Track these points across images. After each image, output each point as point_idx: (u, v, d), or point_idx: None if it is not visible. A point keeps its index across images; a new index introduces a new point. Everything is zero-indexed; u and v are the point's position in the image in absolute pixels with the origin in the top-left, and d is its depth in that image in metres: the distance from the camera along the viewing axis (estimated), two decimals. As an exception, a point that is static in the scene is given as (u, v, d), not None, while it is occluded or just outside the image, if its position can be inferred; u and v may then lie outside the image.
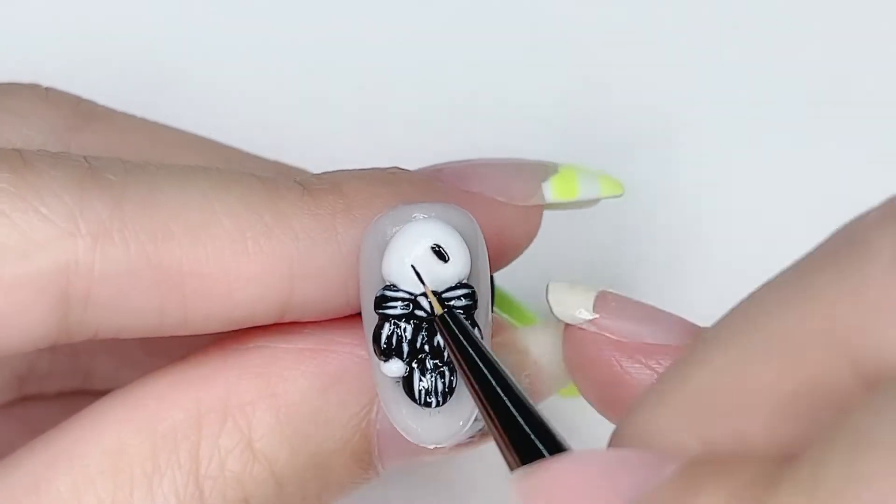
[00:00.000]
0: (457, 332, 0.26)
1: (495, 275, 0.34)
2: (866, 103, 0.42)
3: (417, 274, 0.27)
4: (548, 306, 0.28)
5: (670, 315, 0.29)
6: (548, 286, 0.29)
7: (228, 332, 0.28)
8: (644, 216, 0.40)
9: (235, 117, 0.39)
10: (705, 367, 0.23)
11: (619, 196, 0.30)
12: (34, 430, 0.30)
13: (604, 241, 0.40)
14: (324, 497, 0.29)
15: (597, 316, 0.28)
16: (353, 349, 0.28)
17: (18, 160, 0.26)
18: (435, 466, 0.36)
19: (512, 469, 0.23)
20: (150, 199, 0.26)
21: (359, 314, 0.28)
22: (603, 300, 0.28)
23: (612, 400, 0.28)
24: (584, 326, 0.28)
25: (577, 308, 0.28)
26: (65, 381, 0.34)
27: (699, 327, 0.28)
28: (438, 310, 0.26)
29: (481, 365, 0.25)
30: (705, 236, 0.40)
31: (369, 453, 0.29)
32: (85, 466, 0.27)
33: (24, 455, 0.27)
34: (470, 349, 0.26)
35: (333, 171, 0.29)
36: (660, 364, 0.27)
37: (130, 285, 0.26)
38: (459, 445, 0.29)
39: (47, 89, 0.32)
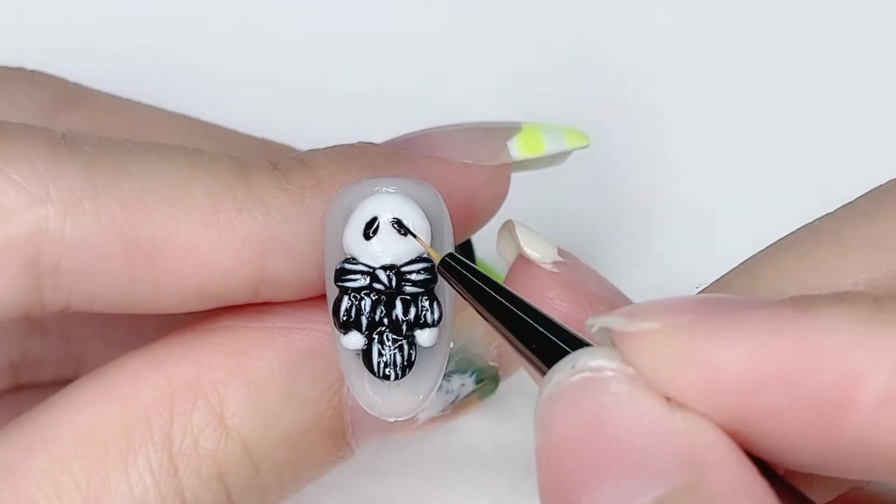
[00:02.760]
0: (461, 272, 0.26)
1: (476, 247, 0.34)
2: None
3: (412, 234, 0.27)
4: (512, 240, 0.29)
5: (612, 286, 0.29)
6: (514, 224, 0.29)
7: (201, 313, 0.29)
8: (616, 176, 0.40)
9: (227, 103, 0.39)
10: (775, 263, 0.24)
11: (586, 147, 0.30)
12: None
13: (577, 206, 0.40)
14: (301, 475, 0.29)
15: (561, 260, 0.28)
16: (324, 327, 0.28)
17: None
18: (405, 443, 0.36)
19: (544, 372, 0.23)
20: (123, 170, 0.26)
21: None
22: (563, 252, 0.29)
23: None
24: (545, 266, 0.28)
25: (545, 250, 0.28)
26: (58, 369, 0.34)
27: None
28: (436, 257, 0.26)
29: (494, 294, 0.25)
30: (677, 190, 0.41)
31: (342, 430, 0.29)
32: (59, 447, 0.27)
33: None
34: (479, 283, 0.25)
35: (304, 151, 0.29)
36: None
37: (101, 254, 0.26)
38: (434, 420, 0.30)
39: (32, 72, 0.32)
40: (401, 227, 0.27)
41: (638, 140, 0.41)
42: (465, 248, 0.34)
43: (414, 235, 0.27)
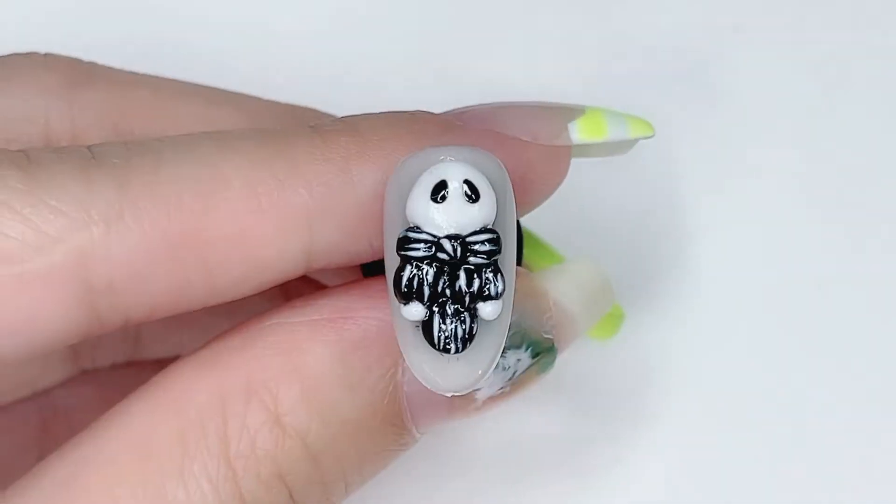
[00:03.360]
0: None
1: (523, 220, 0.34)
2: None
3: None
4: None
5: None
6: None
7: (247, 314, 0.28)
8: (677, 166, 0.40)
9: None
10: None
11: (650, 137, 0.30)
12: (94, 403, 0.31)
13: (635, 190, 0.39)
14: (365, 467, 0.28)
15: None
16: (370, 313, 0.28)
17: (23, 158, 0.26)
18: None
19: None
20: (157, 174, 0.26)
21: (373, 277, 0.28)
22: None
23: None
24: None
25: None
26: (116, 352, 0.34)
27: None
28: None
29: None
30: (741, 185, 0.40)
31: (401, 416, 0.28)
32: (114, 460, 0.26)
33: (54, 459, 0.27)
34: None
35: (352, 115, 0.29)
36: None
37: (151, 263, 0.26)
38: (493, 399, 0.29)
39: (45, 55, 0.32)
40: (470, 196, 0.26)
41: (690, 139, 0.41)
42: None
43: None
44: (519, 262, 0.33)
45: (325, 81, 0.41)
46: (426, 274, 0.26)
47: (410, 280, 0.26)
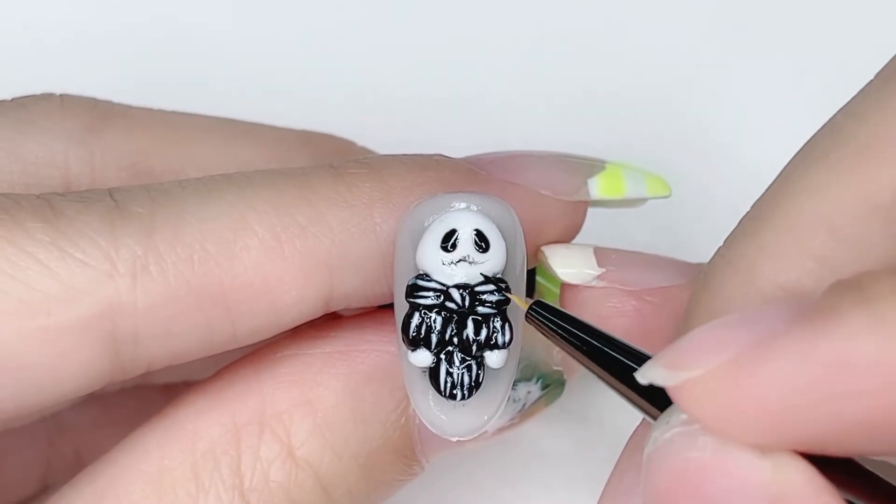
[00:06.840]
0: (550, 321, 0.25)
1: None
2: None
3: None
4: (549, 270, 0.28)
5: (666, 258, 0.28)
6: (543, 252, 0.28)
7: (258, 344, 0.28)
8: (691, 219, 0.39)
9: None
10: (807, 184, 0.23)
11: (667, 197, 0.30)
12: (100, 424, 0.31)
13: (647, 240, 0.39)
14: (374, 496, 0.29)
15: (603, 270, 0.28)
16: (383, 346, 0.28)
17: (47, 209, 0.26)
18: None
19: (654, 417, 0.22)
20: (180, 223, 0.26)
21: (390, 307, 0.28)
22: (603, 255, 0.28)
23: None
24: (592, 284, 0.28)
25: (582, 268, 0.28)
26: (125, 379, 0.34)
27: (695, 264, 0.28)
28: (523, 306, 0.26)
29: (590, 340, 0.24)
30: None
31: (412, 448, 0.28)
32: (129, 494, 0.27)
33: (69, 492, 0.27)
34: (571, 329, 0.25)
35: (374, 155, 0.28)
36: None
37: (176, 314, 0.26)
38: (502, 429, 0.29)
39: (61, 96, 0.32)
40: (480, 245, 0.27)
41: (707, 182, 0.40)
42: (529, 276, 0.34)
43: (500, 288, 0.26)
44: (530, 295, 0.33)
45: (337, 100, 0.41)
46: (434, 322, 0.26)
47: (418, 327, 0.26)
